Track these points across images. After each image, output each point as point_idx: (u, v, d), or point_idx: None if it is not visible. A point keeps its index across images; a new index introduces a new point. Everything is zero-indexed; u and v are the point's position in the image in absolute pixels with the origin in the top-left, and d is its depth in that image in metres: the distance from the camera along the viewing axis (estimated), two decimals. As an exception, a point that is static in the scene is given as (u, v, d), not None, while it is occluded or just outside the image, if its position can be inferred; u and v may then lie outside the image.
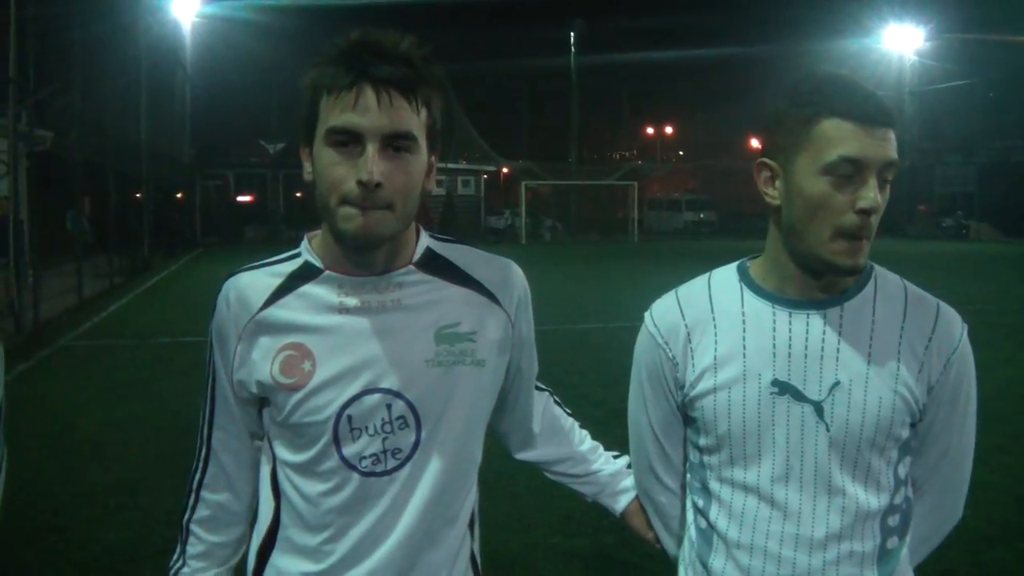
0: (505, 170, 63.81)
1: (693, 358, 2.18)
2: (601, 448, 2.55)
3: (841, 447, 2.06)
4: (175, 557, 2.27)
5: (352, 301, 2.06)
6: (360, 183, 1.91)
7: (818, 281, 2.08)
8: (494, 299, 2.17)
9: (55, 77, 21.14)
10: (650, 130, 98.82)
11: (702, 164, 71.48)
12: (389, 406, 2.05)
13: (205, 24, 48.46)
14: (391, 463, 2.06)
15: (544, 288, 24.72)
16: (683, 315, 2.22)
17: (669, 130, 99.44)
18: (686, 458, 2.33)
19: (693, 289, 2.27)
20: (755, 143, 79.01)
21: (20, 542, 2.20)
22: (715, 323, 2.17)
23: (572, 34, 60.32)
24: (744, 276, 2.20)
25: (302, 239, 2.18)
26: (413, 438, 2.07)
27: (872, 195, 1.95)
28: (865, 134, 1.96)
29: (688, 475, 2.32)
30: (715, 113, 78.52)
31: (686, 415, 2.24)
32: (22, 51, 17.34)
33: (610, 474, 2.51)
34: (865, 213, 1.96)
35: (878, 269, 2.16)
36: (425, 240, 2.16)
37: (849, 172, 1.96)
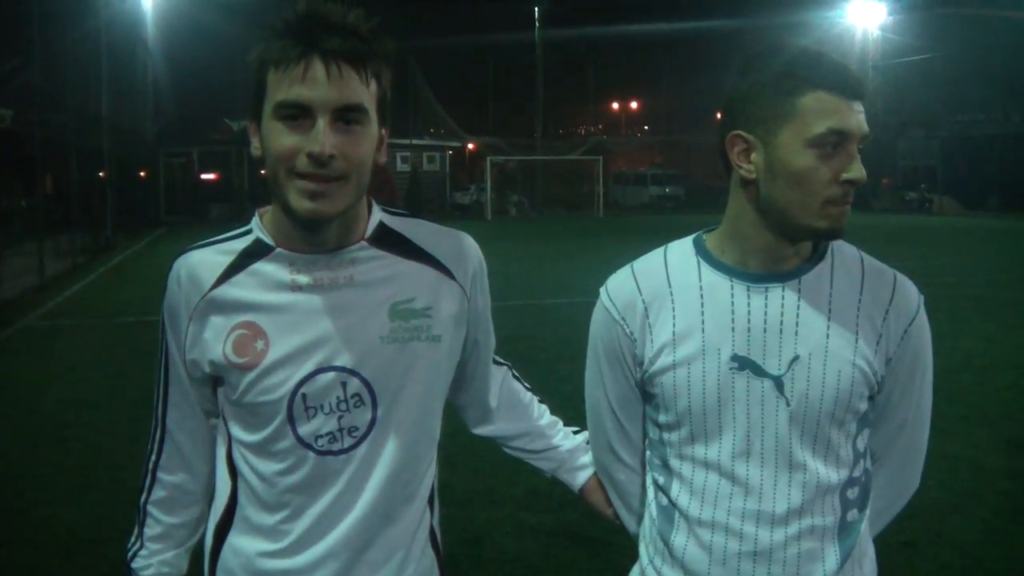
0: (471, 146, 63.72)
1: (651, 334, 2.15)
2: (560, 423, 2.54)
3: (801, 422, 2.05)
4: (132, 539, 2.25)
5: (304, 279, 2.03)
6: (311, 156, 1.88)
7: (789, 250, 2.07)
8: (448, 273, 2.14)
9: (13, 53, 20.88)
10: (615, 105, 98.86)
11: (668, 138, 71.59)
12: (344, 384, 2.02)
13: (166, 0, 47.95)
14: (347, 442, 2.04)
15: (510, 264, 24.79)
16: (639, 290, 2.19)
17: (634, 104, 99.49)
18: (645, 435, 2.31)
19: (649, 263, 2.23)
20: (719, 116, 78.78)
21: (-19, 525, 2.20)
22: (672, 298, 2.14)
23: (536, 8, 60.14)
24: (700, 249, 2.17)
25: (253, 216, 2.15)
26: (369, 416, 2.05)
27: (858, 166, 1.96)
28: (847, 107, 1.96)
29: (648, 452, 2.30)
30: (680, 87, 78.55)
31: (645, 391, 2.22)
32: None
33: (568, 450, 2.49)
34: (851, 184, 1.96)
35: (835, 242, 2.15)
36: (377, 215, 2.13)
37: (835, 143, 1.95)
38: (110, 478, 7.26)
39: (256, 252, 2.06)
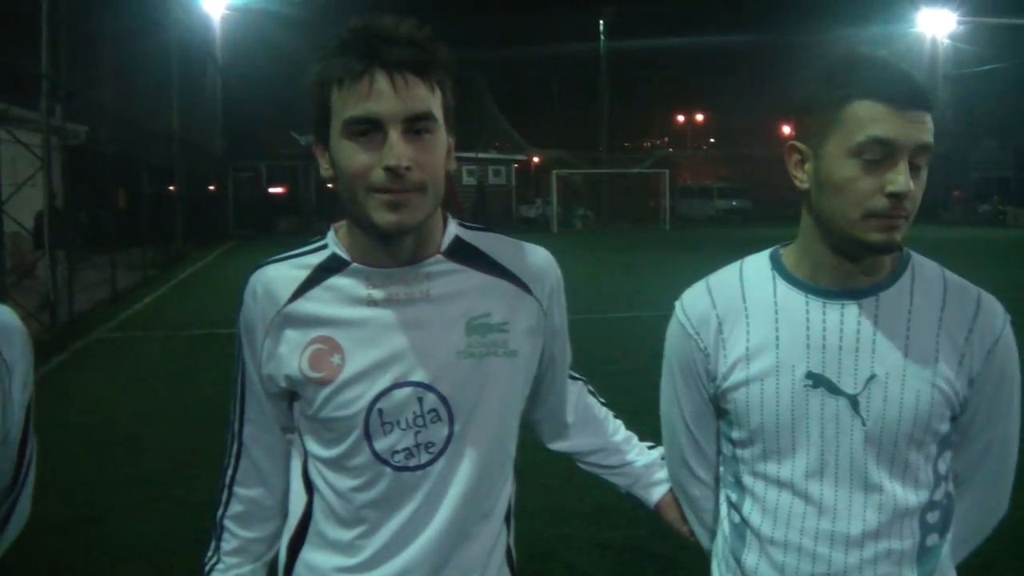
0: (536, 159, 63.74)
1: (725, 349, 2.12)
2: (635, 439, 2.50)
3: (877, 442, 2.00)
4: (209, 553, 2.25)
5: (380, 293, 2.02)
6: (388, 169, 1.86)
7: (853, 267, 2.02)
8: (526, 288, 2.12)
9: (87, 71, 21.24)
10: (681, 118, 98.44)
11: (734, 151, 71.14)
12: (420, 399, 2.01)
13: (235, 17, 48.58)
14: (424, 457, 2.02)
15: (576, 278, 24.56)
16: (714, 304, 2.16)
17: (700, 117, 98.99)
18: (719, 451, 2.28)
19: (724, 278, 2.20)
20: (787, 129, 78.38)
21: (55, 532, 2.21)
22: (747, 313, 2.11)
23: (602, 22, 60.12)
24: (776, 264, 2.13)
25: (328, 230, 2.14)
26: (446, 432, 2.03)
27: (902, 179, 1.88)
28: (897, 116, 1.89)
29: (722, 468, 2.26)
30: (746, 100, 78.05)
31: (718, 407, 2.18)
32: (54, 46, 17.42)
33: (644, 465, 2.46)
34: (895, 197, 1.89)
35: (916, 258, 2.10)
36: (453, 229, 2.11)
37: (879, 155, 1.89)
38: (181, 488, 7.34)
39: (332, 267, 2.05)
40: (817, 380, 2.02)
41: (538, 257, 2.17)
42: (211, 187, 47.61)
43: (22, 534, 2.19)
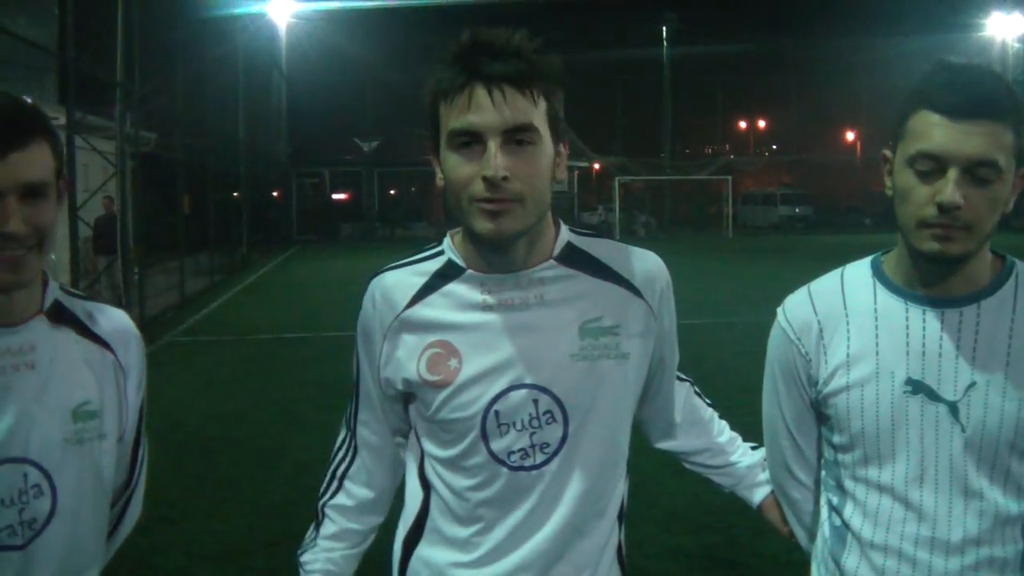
0: (597, 166, 63.68)
1: (826, 355, 2.14)
2: (739, 440, 2.53)
3: (977, 449, 2.01)
4: (308, 535, 2.32)
5: (495, 298, 2.07)
6: (486, 179, 1.92)
7: (933, 275, 2.04)
8: (636, 292, 2.16)
9: (157, 80, 21.60)
10: (743, 124, 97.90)
11: (796, 157, 70.57)
12: (536, 401, 2.05)
13: (300, 25, 49.09)
14: (539, 458, 2.06)
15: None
16: (815, 311, 2.18)
17: (762, 123, 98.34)
18: (820, 455, 2.30)
19: (826, 285, 2.22)
20: (850, 136, 77.94)
21: (137, 531, 2.28)
22: (848, 320, 2.13)
23: (664, 28, 59.99)
24: (877, 271, 2.15)
25: (444, 237, 2.19)
26: (560, 432, 2.07)
27: (949, 190, 1.89)
28: (951, 126, 1.89)
29: (823, 472, 2.28)
30: (809, 105, 77.31)
31: (819, 412, 2.21)
32: (128, 56, 17.74)
33: (747, 466, 2.49)
34: (942, 207, 1.90)
35: (1020, 266, 2.09)
36: (565, 234, 2.15)
37: (929, 168, 1.91)
38: (254, 491, 7.45)
39: (448, 273, 2.11)
40: (917, 387, 2.03)
41: (648, 262, 2.21)
42: (275, 193, 48.12)
43: None
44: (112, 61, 17.53)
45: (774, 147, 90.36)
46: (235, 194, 34.38)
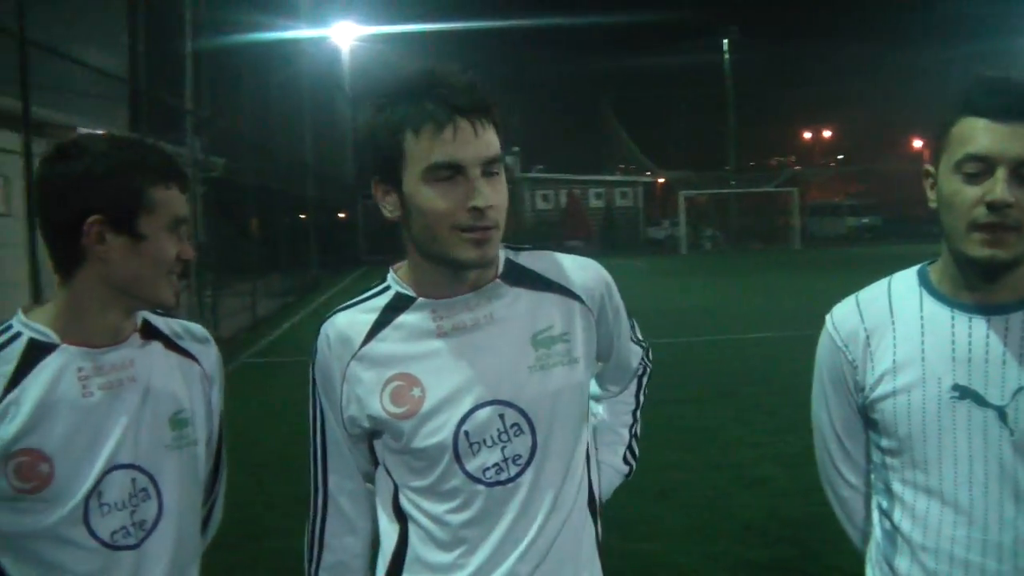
0: (662, 180, 63.53)
1: (872, 362, 2.20)
2: (623, 439, 2.58)
3: None
4: None
5: (448, 323, 2.14)
6: (475, 209, 2.00)
7: (981, 282, 2.08)
8: (577, 298, 2.23)
9: (225, 105, 21.95)
10: (808, 134, 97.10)
11: (863, 167, 69.86)
12: (502, 416, 2.12)
13: (362, 47, 49.62)
14: (513, 470, 2.13)
15: (706, 298, 24.63)
16: (862, 319, 2.25)
17: (828, 133, 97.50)
18: (869, 458, 2.34)
19: (873, 293, 2.29)
20: (917, 144, 76.90)
21: (223, 549, 2.34)
22: (894, 327, 2.19)
23: (726, 40, 59.75)
24: (924, 280, 2.21)
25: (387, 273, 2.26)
26: (530, 442, 2.14)
27: (999, 188, 1.95)
28: (996, 128, 1.97)
29: (873, 475, 2.34)
30: (874, 114, 76.59)
31: (867, 417, 2.26)
32: (196, 82, 18.07)
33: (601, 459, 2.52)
34: (992, 206, 1.95)
35: None
36: (503, 253, 2.22)
37: (977, 169, 1.98)
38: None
39: (398, 305, 2.18)
40: (964, 392, 2.08)
41: (584, 269, 2.29)
42: (342, 214, 48.51)
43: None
44: (181, 88, 17.85)
45: (840, 157, 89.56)
46: (302, 216, 34.71)
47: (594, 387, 2.52)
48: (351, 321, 2.21)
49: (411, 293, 2.18)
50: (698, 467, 7.96)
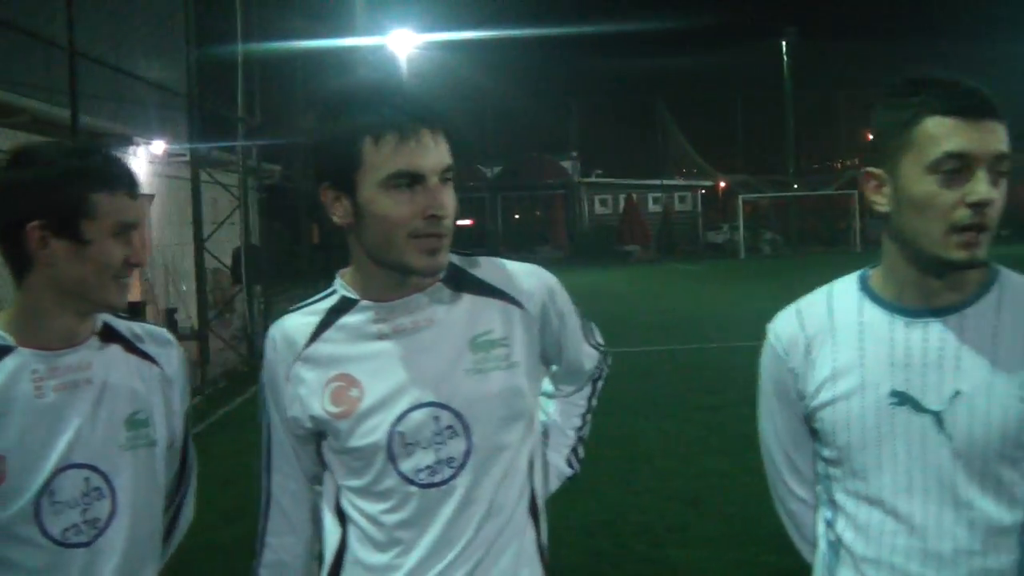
0: (723, 184, 63.14)
1: (813, 370, 2.16)
2: (570, 440, 2.59)
3: (966, 459, 1.99)
4: None
5: (388, 326, 2.17)
6: (434, 217, 2.05)
7: (937, 284, 2.03)
8: (518, 304, 2.25)
9: (280, 113, 22.19)
10: (870, 135, 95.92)
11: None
12: (437, 418, 2.15)
13: (419, 55, 49.89)
14: (447, 472, 2.15)
15: (763, 301, 24.27)
16: (803, 327, 2.21)
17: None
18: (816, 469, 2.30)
19: (813, 301, 2.26)
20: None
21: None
22: (834, 335, 2.15)
23: (784, 42, 59.28)
24: (864, 286, 2.17)
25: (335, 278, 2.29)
26: (464, 446, 2.15)
27: (982, 188, 1.91)
28: (969, 128, 1.93)
29: (818, 487, 2.28)
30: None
31: (810, 427, 2.22)
32: (249, 90, 18.28)
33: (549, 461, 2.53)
34: (977, 206, 1.92)
35: (1004, 272, 2.09)
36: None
37: (956, 167, 1.93)
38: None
39: (342, 308, 2.22)
40: (902, 398, 2.03)
41: (526, 276, 2.30)
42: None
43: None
44: (234, 96, 18.06)
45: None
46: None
47: (548, 385, 2.54)
48: (296, 323, 2.25)
49: (355, 296, 2.21)
50: (734, 474, 7.89)
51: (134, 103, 18.08)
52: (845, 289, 2.22)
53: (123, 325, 2.39)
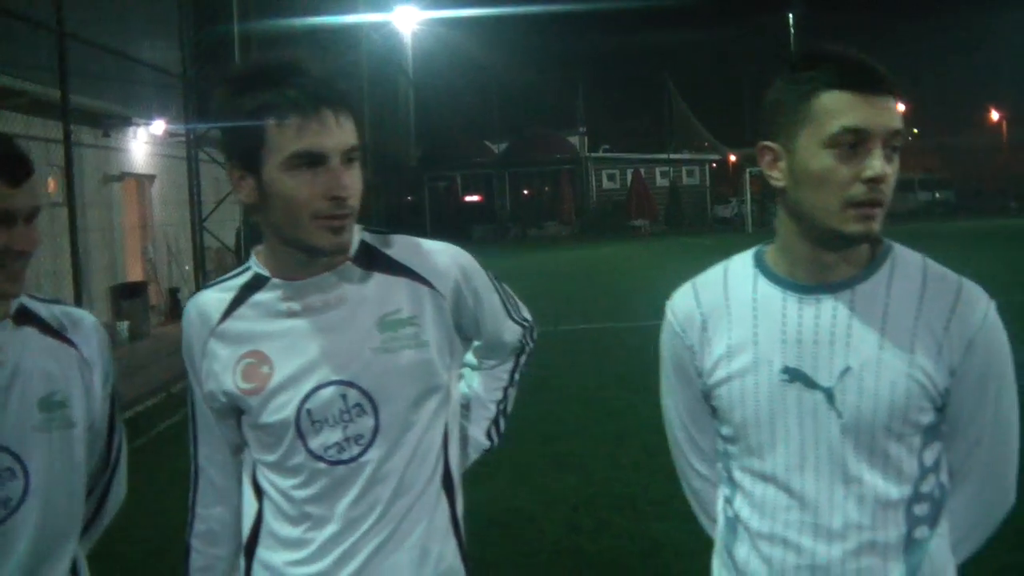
0: (734, 158, 62.93)
1: (709, 347, 2.16)
2: (490, 413, 2.58)
3: (855, 434, 2.00)
4: (182, 573, 2.41)
5: (299, 304, 2.18)
6: (336, 198, 2.06)
7: (831, 259, 2.03)
8: (428, 283, 2.25)
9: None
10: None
11: (935, 141, 68.59)
12: (344, 396, 2.16)
13: (424, 31, 49.78)
14: (355, 450, 2.16)
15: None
16: (698, 303, 2.21)
17: (900, 107, 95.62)
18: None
19: (709, 278, 2.25)
20: (995, 116, 75.31)
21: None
22: (729, 311, 2.15)
23: (791, 15, 58.97)
24: (760, 262, 2.17)
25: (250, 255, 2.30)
26: (372, 423, 2.16)
27: (878, 164, 1.91)
28: (865, 103, 1.92)
29: (719, 464, 2.29)
30: (947, 87, 75.08)
31: (709, 404, 2.22)
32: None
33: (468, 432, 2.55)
34: (873, 182, 1.92)
35: (897, 249, 2.09)
36: (359, 235, 2.25)
37: (852, 142, 1.92)
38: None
39: (254, 285, 2.23)
40: (794, 375, 2.04)
41: (439, 255, 2.31)
42: (408, 197, 48.77)
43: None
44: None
45: (915, 131, 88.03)
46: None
47: (471, 357, 2.56)
48: (211, 299, 2.27)
49: (267, 273, 2.22)
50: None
51: (135, 83, 18.11)
52: (741, 265, 2.21)
53: (43, 307, 2.37)
